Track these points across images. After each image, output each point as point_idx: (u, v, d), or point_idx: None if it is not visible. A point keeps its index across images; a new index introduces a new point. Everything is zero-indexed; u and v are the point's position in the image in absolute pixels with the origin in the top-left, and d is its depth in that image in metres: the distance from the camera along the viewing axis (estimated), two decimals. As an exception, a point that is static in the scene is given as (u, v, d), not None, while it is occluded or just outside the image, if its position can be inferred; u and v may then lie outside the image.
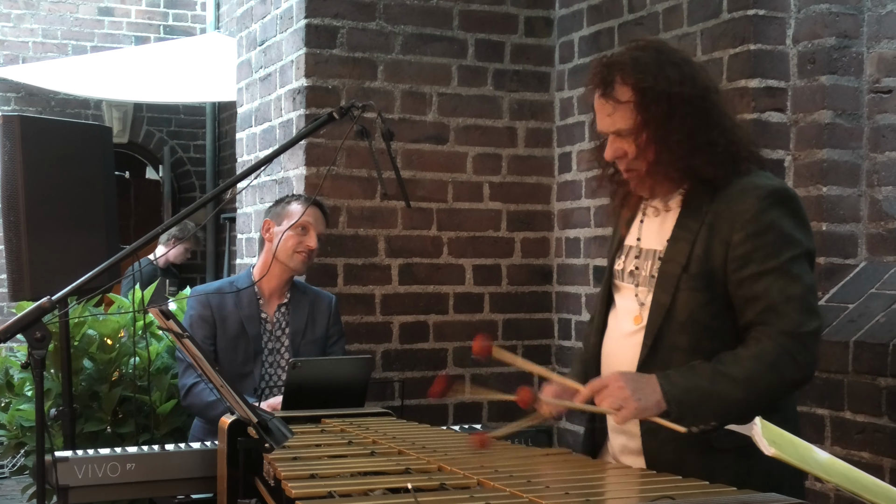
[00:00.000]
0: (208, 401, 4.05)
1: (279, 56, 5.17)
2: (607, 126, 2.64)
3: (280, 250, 4.18)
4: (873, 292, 3.81)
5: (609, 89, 2.60)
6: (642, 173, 2.64)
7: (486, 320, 5.18)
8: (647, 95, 2.56)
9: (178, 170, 11.24)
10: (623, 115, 2.60)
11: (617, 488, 2.26)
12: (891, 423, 3.52)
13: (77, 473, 3.24)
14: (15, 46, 10.60)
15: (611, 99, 2.60)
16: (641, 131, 2.58)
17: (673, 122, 2.56)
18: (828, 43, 3.97)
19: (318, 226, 4.27)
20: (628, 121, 2.59)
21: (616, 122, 2.61)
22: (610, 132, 2.64)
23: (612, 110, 2.61)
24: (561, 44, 5.27)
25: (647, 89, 2.57)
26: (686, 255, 2.60)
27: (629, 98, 2.58)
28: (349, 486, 2.29)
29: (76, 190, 4.33)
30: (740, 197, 2.57)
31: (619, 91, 2.59)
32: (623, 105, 2.59)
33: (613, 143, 2.64)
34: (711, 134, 2.59)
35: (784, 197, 2.61)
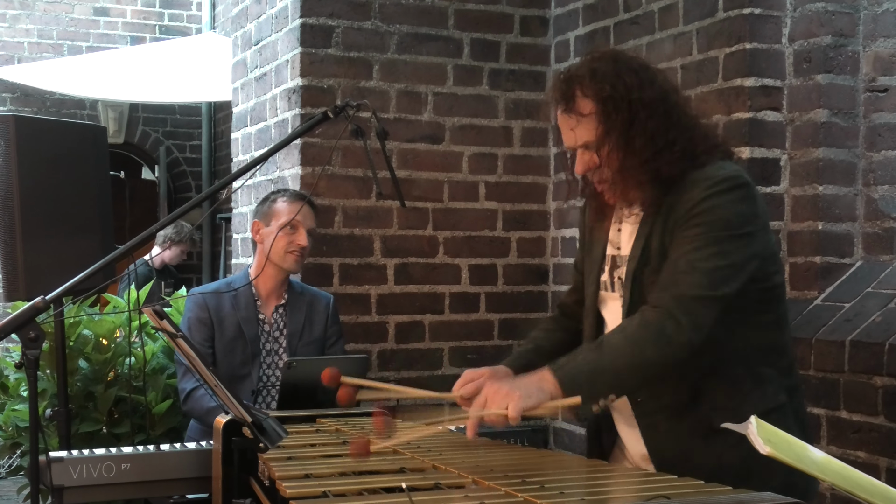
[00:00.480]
0: (208, 406, 4.03)
1: (274, 56, 5.17)
2: (572, 141, 2.62)
3: (272, 251, 4.15)
4: (869, 291, 3.81)
5: (570, 104, 2.58)
6: (609, 181, 2.62)
7: (481, 320, 5.18)
8: (608, 105, 2.55)
9: (174, 170, 11.24)
10: (587, 128, 2.57)
11: (612, 488, 2.25)
12: (887, 422, 3.51)
13: (72, 474, 3.22)
14: (10, 46, 10.61)
15: (573, 113, 2.58)
16: (605, 141, 2.57)
17: (635, 127, 2.55)
18: (824, 42, 3.97)
19: (307, 222, 4.22)
20: (592, 132, 2.57)
21: (581, 136, 2.59)
22: (577, 146, 2.62)
23: (575, 124, 2.59)
24: (556, 43, 5.27)
25: (608, 98, 2.55)
26: (642, 251, 2.61)
27: (591, 110, 2.56)
28: (344, 485, 2.28)
29: (71, 190, 4.32)
30: (691, 187, 2.55)
31: (581, 104, 2.57)
32: (586, 118, 2.57)
33: (582, 156, 2.62)
34: (671, 134, 2.58)
35: (733, 185, 2.56)
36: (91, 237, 4.34)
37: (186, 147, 11.30)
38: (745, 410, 2.35)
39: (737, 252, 2.52)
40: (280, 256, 4.16)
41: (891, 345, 3.49)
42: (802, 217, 4.02)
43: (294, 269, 4.26)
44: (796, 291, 4.03)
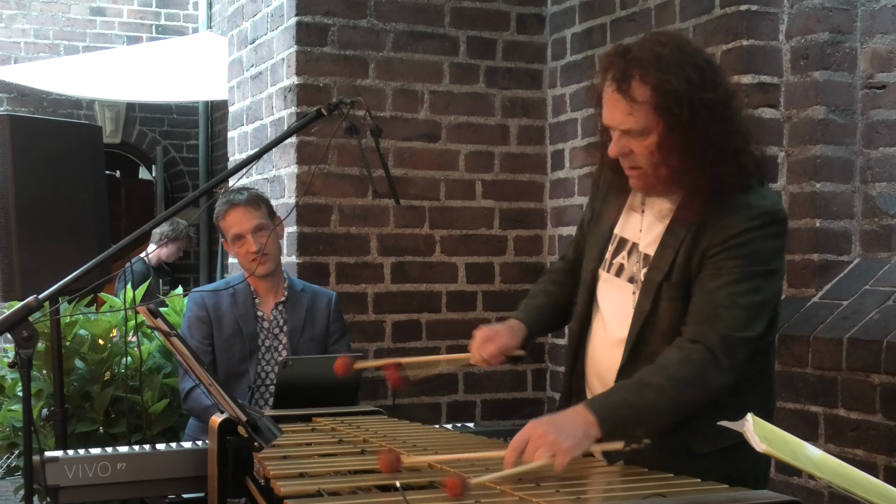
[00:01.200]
0: (207, 405, 4.03)
1: (270, 54, 5.15)
2: (618, 122, 2.48)
3: (241, 264, 4.20)
4: (867, 289, 3.80)
5: (626, 85, 2.43)
6: (653, 176, 2.51)
7: (479, 319, 5.16)
8: (669, 99, 2.41)
9: (171, 170, 11.23)
10: (639, 116, 2.43)
11: (608, 486, 2.25)
12: (884, 420, 3.50)
13: (67, 473, 3.22)
14: (7, 47, 10.60)
15: (626, 96, 2.44)
16: (659, 135, 2.44)
17: (696, 129, 2.42)
18: (821, 38, 3.96)
19: (246, 225, 4.13)
20: (643, 121, 2.44)
21: (629, 121, 2.45)
22: (620, 129, 2.49)
23: (627, 108, 2.44)
24: (553, 41, 5.25)
25: (670, 92, 2.41)
26: (669, 263, 2.53)
27: (647, 99, 2.42)
28: (338, 484, 2.27)
29: (66, 189, 4.31)
30: (730, 212, 2.48)
31: (637, 90, 2.43)
32: (639, 105, 2.43)
33: (620, 139, 2.50)
34: (736, 141, 2.48)
35: (773, 219, 2.51)
36: (87, 237, 4.33)
37: (183, 147, 11.29)
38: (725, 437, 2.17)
39: (768, 288, 2.50)
40: (247, 266, 4.16)
41: (889, 342, 3.48)
42: (800, 214, 4.01)
43: (265, 272, 4.15)
44: (794, 289, 4.02)
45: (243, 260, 4.16)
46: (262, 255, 4.11)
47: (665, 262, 2.54)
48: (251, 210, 4.15)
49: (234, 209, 4.14)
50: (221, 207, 4.18)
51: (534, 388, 5.26)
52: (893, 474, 3.47)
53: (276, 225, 4.22)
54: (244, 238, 4.13)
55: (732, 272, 2.45)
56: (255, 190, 4.33)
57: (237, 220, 4.13)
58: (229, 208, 4.15)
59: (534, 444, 2.28)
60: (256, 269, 4.10)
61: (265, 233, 4.13)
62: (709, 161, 2.44)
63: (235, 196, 4.18)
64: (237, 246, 4.15)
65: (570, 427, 2.31)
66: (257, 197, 4.22)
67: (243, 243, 4.13)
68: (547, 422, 2.35)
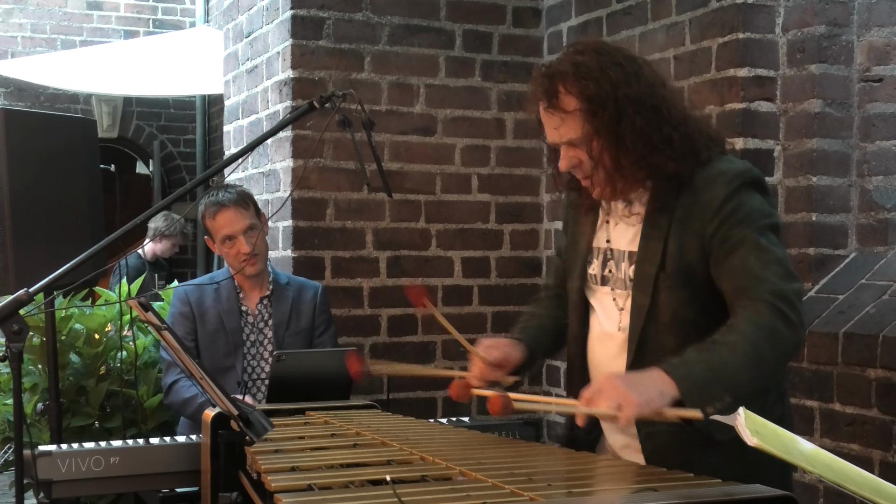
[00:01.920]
0: (185, 397, 4.04)
1: (265, 48, 5.14)
2: (557, 138, 2.54)
3: (229, 263, 4.17)
4: (863, 283, 3.79)
5: (554, 100, 2.50)
6: (603, 180, 2.55)
7: (474, 313, 5.15)
8: (594, 102, 2.47)
9: (168, 164, 11.22)
10: (572, 125, 2.50)
11: (600, 480, 2.24)
12: (880, 414, 3.50)
13: (60, 467, 3.22)
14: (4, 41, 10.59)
15: (557, 110, 2.50)
16: (593, 139, 2.49)
17: (623, 124, 2.47)
18: (817, 31, 3.94)
19: (238, 225, 4.10)
20: (578, 130, 2.49)
21: (565, 133, 2.51)
22: (561, 143, 2.54)
23: (559, 122, 2.51)
24: (549, 34, 5.24)
25: (593, 96, 2.47)
26: (660, 254, 2.53)
27: (575, 107, 2.48)
28: (330, 478, 2.26)
29: (61, 183, 4.29)
30: (706, 186, 2.50)
31: (565, 101, 2.49)
32: (570, 115, 2.49)
33: (567, 153, 2.55)
34: (664, 129, 2.51)
35: (749, 179, 2.53)
36: (81, 231, 4.32)
37: (181, 141, 11.28)
38: None
39: (779, 241, 2.51)
40: (237, 267, 4.13)
41: (884, 337, 3.47)
42: (796, 208, 4.00)
43: (255, 272, 4.15)
44: (790, 283, 4.00)
45: (233, 260, 4.13)
46: (254, 256, 4.10)
47: (654, 253, 2.54)
48: (241, 210, 4.12)
49: (224, 210, 4.10)
50: (210, 208, 4.14)
51: (530, 384, 5.24)
52: (889, 469, 3.46)
53: (264, 224, 4.21)
54: (235, 239, 4.10)
55: (744, 240, 2.45)
56: (240, 188, 4.28)
57: (228, 220, 4.09)
58: (219, 209, 4.11)
59: (604, 395, 2.28)
60: (247, 269, 4.10)
61: (255, 232, 4.12)
62: (641, 153, 2.48)
63: (223, 195, 4.15)
64: (227, 246, 4.12)
65: (644, 383, 2.29)
66: (245, 196, 4.19)
67: (234, 244, 4.10)
68: (622, 377, 2.35)
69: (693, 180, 2.51)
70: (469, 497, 2.01)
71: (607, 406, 2.25)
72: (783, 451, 1.72)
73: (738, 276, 2.45)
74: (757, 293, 2.42)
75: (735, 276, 2.46)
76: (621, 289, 2.64)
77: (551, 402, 2.74)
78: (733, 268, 2.46)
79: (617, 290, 2.65)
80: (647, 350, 2.54)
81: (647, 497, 1.96)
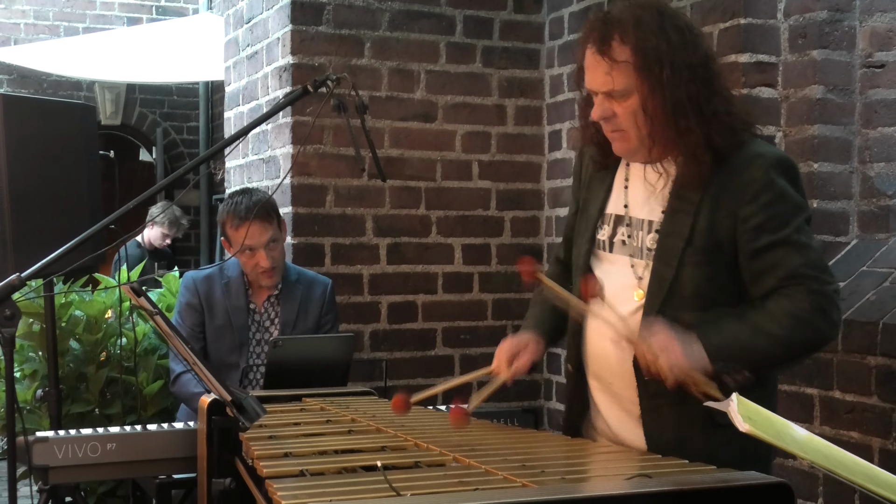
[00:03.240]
0: (194, 391, 4.02)
1: (265, 34, 5.12)
2: (600, 85, 2.49)
3: (246, 272, 4.14)
4: (864, 270, 3.77)
5: (606, 46, 2.45)
6: (636, 138, 2.51)
7: (475, 300, 5.14)
8: (649, 58, 2.43)
9: (172, 151, 11.21)
10: (620, 76, 2.45)
11: (594, 466, 2.23)
12: (880, 402, 3.48)
13: (57, 454, 3.21)
14: (7, 28, 10.58)
15: (607, 57, 2.45)
16: (641, 95, 2.45)
17: (678, 88, 2.43)
18: (819, 17, 3.92)
19: (261, 238, 4.04)
20: (625, 82, 2.45)
21: (611, 83, 2.46)
22: (601, 91, 2.50)
23: (607, 69, 2.46)
24: (550, 20, 5.22)
25: (649, 51, 2.43)
26: (689, 228, 2.50)
27: (627, 58, 2.44)
28: (323, 464, 2.25)
29: (60, 169, 4.28)
30: (745, 167, 2.48)
31: (617, 50, 2.45)
32: (620, 65, 2.44)
33: (603, 102, 2.51)
34: (714, 103, 2.48)
35: (788, 165, 2.54)
36: (80, 217, 4.31)
37: (184, 128, 11.28)
38: None
39: (814, 239, 2.56)
40: (252, 276, 4.12)
41: (885, 324, 3.45)
42: (797, 195, 3.97)
43: (271, 285, 4.14)
44: (790, 270, 3.99)
45: (250, 270, 4.09)
46: (272, 269, 4.09)
47: (683, 227, 2.51)
48: (265, 224, 4.05)
49: (250, 224, 4.00)
50: (234, 220, 4.07)
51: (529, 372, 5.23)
52: (888, 456, 3.44)
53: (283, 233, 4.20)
54: (257, 253, 4.05)
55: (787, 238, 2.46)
56: (264, 195, 4.19)
57: (252, 234, 4.00)
58: (242, 223, 4.03)
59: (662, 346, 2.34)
60: (264, 280, 4.11)
61: (277, 244, 4.10)
62: (692, 122, 2.45)
63: (248, 206, 4.06)
64: (246, 256, 4.07)
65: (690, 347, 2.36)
66: (270, 208, 4.12)
67: (254, 255, 4.05)
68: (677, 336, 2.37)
69: (730, 159, 2.49)
70: (461, 483, 2.00)
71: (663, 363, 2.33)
72: (776, 437, 1.70)
73: (780, 272, 2.46)
74: (800, 289, 2.44)
75: (777, 271, 2.46)
76: (640, 258, 2.60)
77: None
78: (775, 263, 2.46)
79: (636, 259, 2.61)
80: None
81: (641, 484, 1.95)
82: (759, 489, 1.95)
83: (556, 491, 1.93)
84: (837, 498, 3.63)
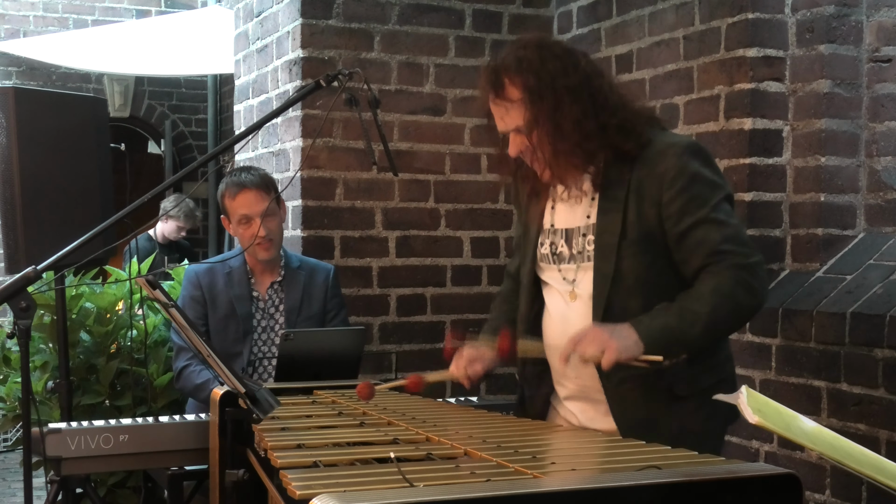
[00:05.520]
0: (197, 382, 4.05)
1: (275, 27, 5.14)
2: (504, 126, 2.78)
3: (242, 245, 4.12)
4: (871, 263, 3.78)
5: (500, 91, 2.74)
6: (543, 164, 2.77)
7: (484, 293, 5.16)
8: (534, 92, 2.70)
9: (180, 144, 11.22)
10: (516, 114, 2.73)
11: (604, 458, 2.25)
12: (887, 394, 3.50)
13: (70, 445, 3.25)
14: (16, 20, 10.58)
15: (503, 100, 2.75)
16: (534, 127, 2.71)
17: (562, 112, 2.70)
18: (827, 11, 3.93)
19: (256, 208, 4.07)
20: (521, 118, 2.73)
21: (511, 121, 2.75)
22: (509, 131, 2.77)
23: (504, 111, 2.76)
24: (559, 14, 5.23)
25: (533, 87, 2.70)
26: (620, 224, 2.75)
27: (518, 97, 2.72)
28: (336, 456, 2.28)
29: (71, 162, 4.30)
30: (659, 158, 2.73)
31: (509, 91, 2.73)
32: (514, 104, 2.73)
33: (514, 139, 2.77)
34: (600, 117, 2.73)
35: (698, 149, 2.77)
36: (92, 210, 4.33)
37: (192, 121, 11.28)
38: (703, 380, 2.75)
39: (733, 215, 2.78)
40: (251, 251, 4.11)
41: (892, 317, 3.47)
42: (804, 189, 3.99)
43: (267, 258, 4.14)
44: (798, 263, 4.01)
45: (246, 242, 4.07)
46: (268, 241, 4.09)
47: (614, 224, 2.77)
48: (262, 194, 4.08)
49: (245, 191, 4.07)
50: (231, 188, 4.11)
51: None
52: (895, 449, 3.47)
53: (283, 212, 4.23)
54: (252, 222, 4.06)
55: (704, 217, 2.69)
56: (264, 171, 4.25)
57: (248, 202, 4.06)
58: (240, 189, 4.08)
59: (589, 338, 2.59)
60: (260, 253, 4.10)
61: (273, 218, 4.11)
62: (577, 140, 2.71)
63: (246, 176, 4.12)
64: (242, 227, 4.09)
65: (623, 334, 2.60)
66: (269, 181, 4.17)
67: (250, 226, 4.07)
68: (606, 326, 2.65)
69: (644, 154, 2.75)
70: (473, 475, 2.02)
71: (594, 349, 2.57)
72: (785, 429, 1.72)
73: (703, 250, 2.70)
74: (722, 265, 2.68)
75: (700, 249, 2.70)
76: (570, 263, 2.85)
77: None
78: (698, 241, 2.70)
79: (565, 265, 2.87)
80: (613, 314, 2.75)
81: (650, 475, 1.97)
82: (767, 480, 1.97)
83: (566, 482, 1.95)
84: (845, 490, 3.66)
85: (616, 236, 2.75)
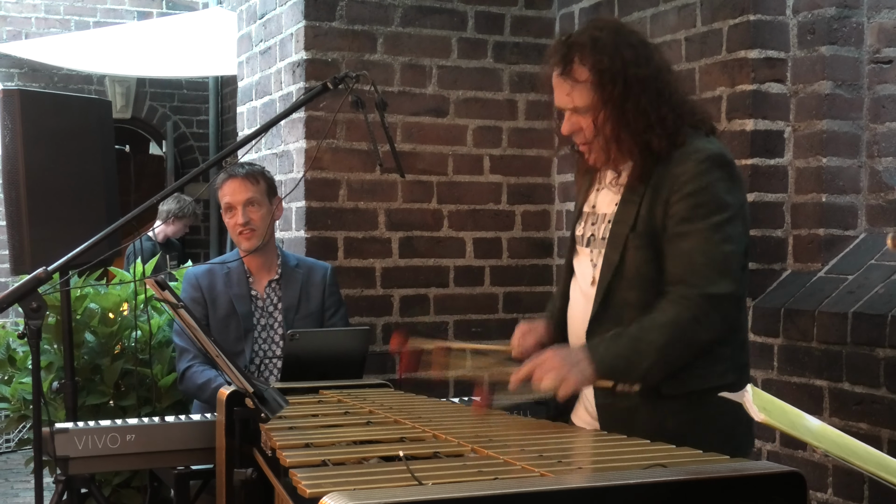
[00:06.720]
0: (199, 383, 4.07)
1: (279, 29, 5.16)
2: (565, 103, 2.77)
3: (230, 236, 4.23)
4: (872, 263, 3.80)
5: (568, 68, 2.74)
6: (598, 147, 2.78)
7: (486, 293, 5.18)
8: (605, 76, 2.70)
9: (181, 145, 11.24)
10: (580, 94, 2.73)
11: (609, 456, 2.27)
12: (889, 394, 3.52)
13: (77, 444, 3.27)
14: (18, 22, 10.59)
15: (569, 78, 2.74)
16: (598, 110, 2.72)
17: (628, 101, 2.70)
18: (828, 13, 3.95)
19: (238, 196, 4.15)
20: (585, 99, 2.73)
21: (573, 100, 2.74)
22: (567, 109, 2.77)
23: (570, 89, 2.74)
24: (561, 16, 5.25)
25: (605, 70, 2.70)
26: (633, 216, 2.76)
27: (587, 78, 2.72)
28: (344, 454, 2.30)
29: (76, 164, 4.32)
30: (680, 160, 2.72)
31: (578, 71, 2.73)
32: (581, 84, 2.72)
33: (570, 118, 2.78)
34: (662, 111, 2.73)
35: (721, 161, 2.74)
36: (96, 211, 4.35)
37: (194, 122, 11.29)
38: (691, 384, 2.72)
39: (735, 233, 2.73)
40: (235, 239, 4.19)
41: (893, 317, 3.49)
42: (806, 189, 4.01)
43: (248, 247, 4.15)
44: (799, 264, 4.03)
45: (232, 232, 4.19)
46: (249, 230, 4.12)
47: (629, 216, 2.78)
48: (247, 183, 4.16)
49: (230, 180, 4.17)
50: (221, 177, 4.22)
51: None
52: (897, 448, 3.49)
53: (276, 206, 4.23)
54: (234, 210, 4.14)
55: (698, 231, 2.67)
56: (259, 166, 4.31)
57: (231, 190, 4.16)
58: (227, 178, 4.18)
59: (546, 368, 2.61)
60: (241, 242, 4.16)
61: (256, 208, 4.15)
62: (640, 130, 2.72)
63: (236, 168, 4.21)
64: (228, 216, 4.18)
65: (578, 364, 2.63)
66: (259, 173, 4.22)
67: (233, 214, 4.15)
68: (562, 354, 2.67)
69: (671, 154, 2.73)
70: (481, 473, 2.04)
71: (549, 381, 2.60)
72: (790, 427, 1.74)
73: (680, 263, 2.70)
74: (687, 290, 2.67)
75: (679, 260, 2.70)
76: (597, 248, 2.87)
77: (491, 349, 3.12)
78: (681, 252, 2.70)
79: (593, 250, 2.88)
80: (611, 302, 2.79)
81: (656, 473, 2.00)
82: (772, 478, 1.99)
83: (573, 480, 1.97)
84: (847, 488, 3.68)
85: (627, 227, 2.77)
